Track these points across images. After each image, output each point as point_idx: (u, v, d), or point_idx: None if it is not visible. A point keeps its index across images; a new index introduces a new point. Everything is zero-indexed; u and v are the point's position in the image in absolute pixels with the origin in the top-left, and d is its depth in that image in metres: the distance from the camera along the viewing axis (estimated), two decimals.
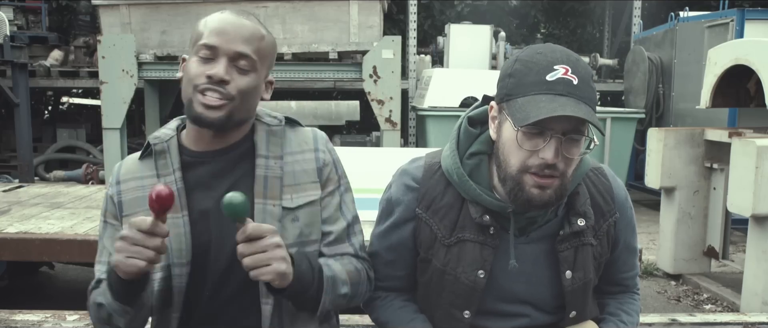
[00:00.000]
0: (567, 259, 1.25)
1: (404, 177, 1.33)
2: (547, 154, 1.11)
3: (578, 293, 1.28)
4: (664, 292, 4.46)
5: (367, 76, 5.74)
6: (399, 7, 8.78)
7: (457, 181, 1.26)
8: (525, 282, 1.28)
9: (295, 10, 5.91)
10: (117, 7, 6.02)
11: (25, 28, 8.18)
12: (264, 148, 1.26)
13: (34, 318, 2.07)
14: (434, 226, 1.28)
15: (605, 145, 6.14)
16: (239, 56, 1.19)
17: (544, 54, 1.15)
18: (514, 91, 1.14)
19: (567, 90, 1.10)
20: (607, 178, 1.32)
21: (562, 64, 1.12)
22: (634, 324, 1.38)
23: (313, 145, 1.31)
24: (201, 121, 1.19)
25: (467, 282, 1.26)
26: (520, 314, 1.31)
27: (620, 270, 1.39)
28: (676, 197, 4.48)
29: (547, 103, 1.08)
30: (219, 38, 1.18)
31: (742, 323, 2.18)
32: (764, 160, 3.45)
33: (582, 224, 1.24)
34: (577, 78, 1.12)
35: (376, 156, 3.85)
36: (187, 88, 1.20)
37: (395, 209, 1.32)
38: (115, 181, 1.29)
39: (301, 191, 1.26)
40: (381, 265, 1.36)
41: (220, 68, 1.17)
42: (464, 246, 1.26)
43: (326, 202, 1.29)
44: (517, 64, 1.17)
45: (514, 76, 1.15)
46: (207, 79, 1.17)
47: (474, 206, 1.24)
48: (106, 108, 5.97)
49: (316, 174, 1.28)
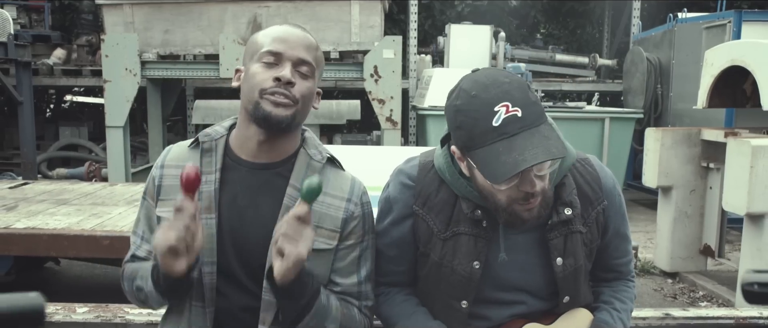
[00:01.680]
0: (557, 246, 1.31)
1: (400, 176, 1.39)
2: (527, 188, 1.17)
3: (570, 279, 1.34)
4: (660, 289, 4.52)
5: (368, 75, 5.79)
6: (400, 7, 8.83)
7: (450, 179, 1.32)
8: (519, 270, 1.34)
9: (297, 10, 5.97)
10: (120, 6, 6.08)
11: (28, 27, 8.23)
12: (298, 181, 1.28)
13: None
14: (430, 221, 1.34)
15: (604, 144, 6.20)
16: (301, 62, 1.25)
17: (479, 97, 1.17)
18: (469, 143, 1.19)
19: (517, 127, 1.14)
20: (593, 167, 1.38)
21: (501, 102, 1.15)
22: (627, 311, 1.44)
23: (348, 195, 1.33)
24: (269, 119, 1.23)
25: (463, 273, 1.32)
26: (516, 302, 1.37)
27: (613, 256, 1.44)
28: (673, 196, 4.54)
29: (506, 153, 1.13)
30: (283, 45, 1.24)
31: (734, 318, 2.23)
32: (759, 159, 3.51)
33: (569, 213, 1.30)
34: (520, 109, 1.14)
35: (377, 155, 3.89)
36: (252, 94, 1.24)
37: (393, 206, 1.38)
38: (161, 164, 1.34)
39: (319, 236, 1.26)
40: (383, 261, 1.41)
41: (286, 71, 1.23)
42: (459, 239, 1.32)
43: (344, 254, 1.31)
44: (459, 116, 1.20)
45: (463, 129, 1.19)
46: (275, 82, 1.22)
47: (466, 202, 1.30)
48: (110, 106, 6.03)
49: (340, 224, 1.30)
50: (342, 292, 1.32)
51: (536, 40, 10.09)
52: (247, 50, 1.31)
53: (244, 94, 1.27)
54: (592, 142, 6.13)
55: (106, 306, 2.33)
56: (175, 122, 9.11)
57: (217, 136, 1.32)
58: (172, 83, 7.43)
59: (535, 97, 1.19)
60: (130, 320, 2.27)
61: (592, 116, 6.32)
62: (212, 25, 6.09)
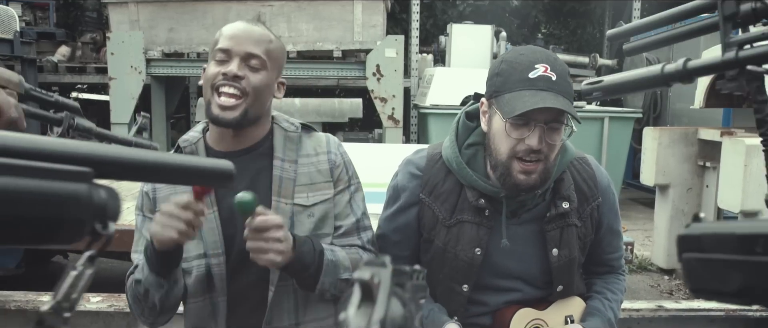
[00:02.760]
0: (554, 238, 1.40)
1: (409, 166, 1.48)
2: (532, 142, 1.27)
3: (564, 270, 1.42)
4: (657, 286, 4.59)
5: (371, 74, 5.85)
6: (402, 7, 8.89)
7: (456, 168, 1.41)
8: (517, 259, 1.43)
9: (300, 9, 6.03)
10: (126, 4, 6.14)
11: (33, 24, 8.29)
12: (281, 152, 1.40)
13: None
14: (436, 209, 1.43)
15: (603, 143, 6.26)
16: (250, 56, 1.33)
17: (526, 55, 1.31)
18: (502, 88, 1.30)
19: (547, 85, 1.26)
20: (590, 166, 1.47)
21: (542, 63, 1.28)
22: (618, 301, 1.52)
23: (326, 149, 1.45)
24: (218, 121, 1.33)
25: (465, 259, 1.40)
26: (513, 289, 1.45)
27: (605, 251, 1.53)
28: (670, 194, 4.61)
29: (530, 97, 1.24)
30: (232, 41, 1.33)
31: (724, 310, 2.31)
32: (753, 158, 3.58)
33: (566, 206, 1.39)
34: (555, 75, 1.27)
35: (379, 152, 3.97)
36: (207, 91, 1.34)
37: (401, 194, 1.47)
38: None
39: (316, 190, 1.40)
40: (389, 246, 1.49)
41: (233, 66, 1.31)
42: (463, 227, 1.40)
43: (337, 199, 1.43)
44: (503, 64, 1.32)
45: (501, 75, 1.31)
46: (222, 77, 1.31)
47: (471, 191, 1.39)
48: (115, 103, 6.09)
49: (329, 174, 1.43)
50: (344, 232, 1.42)
51: (537, 40, 10.16)
52: (210, 48, 1.39)
53: (203, 92, 1.36)
54: (591, 142, 6.19)
55: (118, 296, 2.41)
56: (178, 119, 9.17)
57: (195, 140, 1.42)
58: (175, 81, 7.50)
59: (571, 82, 1.32)
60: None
61: (591, 116, 6.38)
62: (216, 24, 6.15)
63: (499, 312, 1.44)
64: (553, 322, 1.44)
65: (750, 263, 0.45)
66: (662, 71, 0.72)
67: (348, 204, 1.44)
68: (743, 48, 0.67)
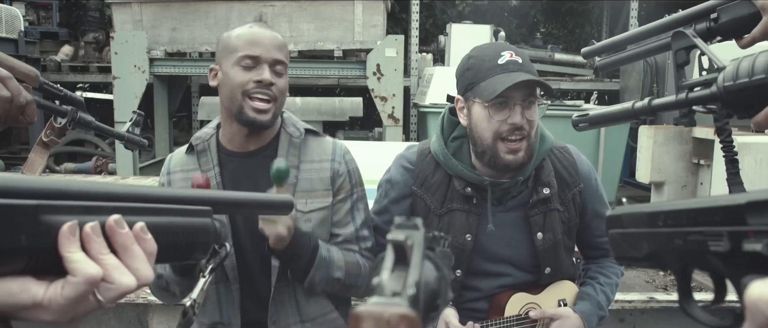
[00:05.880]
0: (537, 223, 1.50)
1: (401, 160, 1.59)
2: (516, 119, 1.38)
3: (550, 252, 1.52)
4: (652, 281, 4.68)
5: (371, 73, 5.92)
6: (402, 7, 8.96)
7: (443, 160, 1.51)
8: (505, 245, 1.53)
9: (302, 9, 6.10)
10: (129, 4, 6.21)
11: (36, 24, 8.37)
12: (284, 157, 1.47)
13: None
14: (428, 200, 1.53)
15: (600, 141, 6.33)
16: (276, 62, 1.42)
17: (490, 47, 1.44)
18: (475, 79, 1.41)
19: (516, 67, 1.38)
20: (571, 154, 1.57)
21: (507, 50, 1.40)
22: (612, 285, 1.61)
23: (331, 157, 1.51)
24: (253, 124, 1.41)
25: (457, 245, 1.49)
26: (503, 274, 1.54)
27: (594, 235, 1.62)
28: (665, 191, 4.69)
29: (505, 78, 1.36)
30: (259, 49, 1.41)
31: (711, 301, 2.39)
32: (744, 156, 3.66)
33: (547, 192, 1.49)
34: (521, 59, 1.40)
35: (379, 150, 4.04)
36: (235, 95, 1.41)
37: (394, 187, 1.57)
38: (167, 171, 1.54)
39: (315, 197, 1.47)
40: (381, 237, 1.58)
41: (266, 73, 1.40)
42: (453, 215, 1.50)
43: (337, 208, 1.50)
44: (470, 60, 1.44)
45: (472, 69, 1.42)
46: (256, 84, 1.39)
47: (458, 181, 1.50)
48: (118, 102, 6.16)
49: (329, 182, 1.49)
50: (343, 241, 1.49)
51: (536, 40, 10.22)
52: (220, 50, 1.46)
53: (225, 95, 1.43)
54: (589, 140, 6.25)
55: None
56: (181, 118, 9.25)
57: (207, 138, 1.50)
58: (178, 80, 7.58)
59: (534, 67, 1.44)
60: (152, 300, 2.43)
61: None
62: (219, 24, 6.23)
63: (495, 297, 1.53)
64: (546, 305, 1.53)
65: (654, 234, 0.59)
66: (633, 107, 0.95)
67: (349, 213, 1.51)
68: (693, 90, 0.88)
